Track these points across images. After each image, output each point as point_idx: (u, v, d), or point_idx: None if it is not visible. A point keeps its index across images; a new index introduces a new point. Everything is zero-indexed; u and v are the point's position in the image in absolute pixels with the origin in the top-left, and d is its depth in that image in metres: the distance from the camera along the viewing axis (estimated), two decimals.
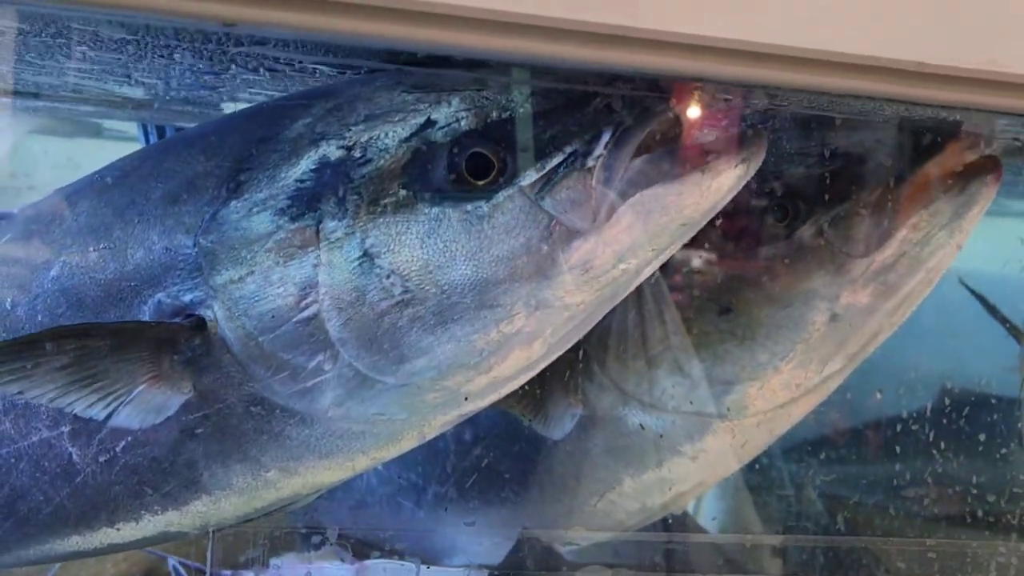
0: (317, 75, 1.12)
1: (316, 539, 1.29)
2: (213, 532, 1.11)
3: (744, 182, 0.96)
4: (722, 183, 0.94)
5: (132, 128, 2.27)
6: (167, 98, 1.64)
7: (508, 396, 1.08)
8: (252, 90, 1.38)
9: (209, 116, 1.80)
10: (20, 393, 0.97)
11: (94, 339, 0.98)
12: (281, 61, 1.09)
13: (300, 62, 1.06)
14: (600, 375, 1.28)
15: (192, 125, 1.87)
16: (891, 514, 1.66)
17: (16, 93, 1.67)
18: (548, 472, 1.36)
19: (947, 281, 1.28)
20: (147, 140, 2.06)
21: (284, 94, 1.39)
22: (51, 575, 1.48)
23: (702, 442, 1.30)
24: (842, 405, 1.51)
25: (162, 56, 1.15)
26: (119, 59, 1.24)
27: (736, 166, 0.94)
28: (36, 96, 1.67)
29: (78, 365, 0.97)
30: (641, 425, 1.30)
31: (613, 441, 1.32)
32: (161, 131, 2.05)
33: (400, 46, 0.95)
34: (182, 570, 1.52)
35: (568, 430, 1.28)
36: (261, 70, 1.13)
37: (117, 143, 2.39)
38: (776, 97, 1.03)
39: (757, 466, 1.65)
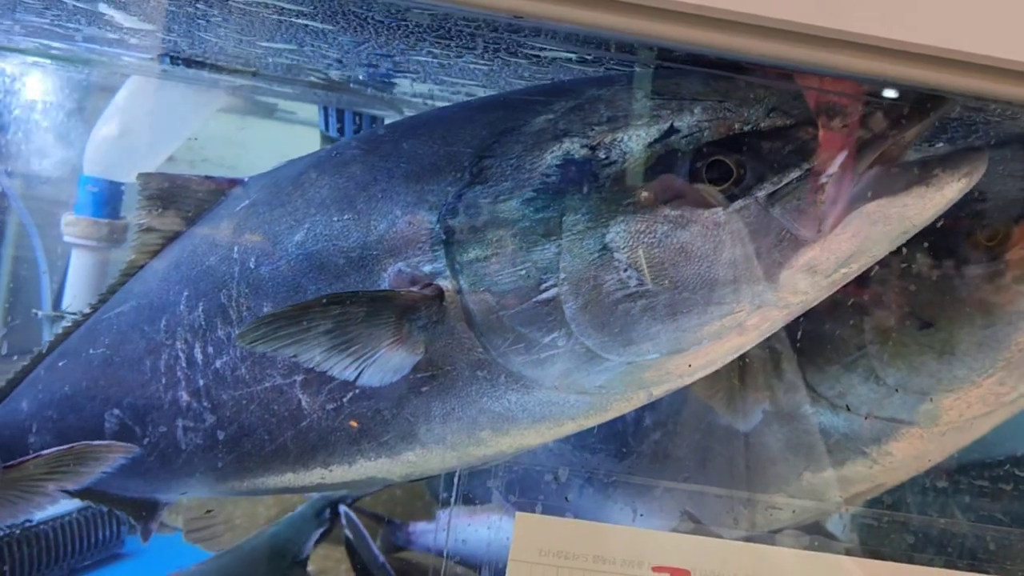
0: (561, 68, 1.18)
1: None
2: (459, 472, 1.20)
3: (962, 195, 1.01)
4: (944, 196, 1.00)
5: (302, 109, 2.39)
6: (371, 84, 1.73)
7: (702, 385, 1.16)
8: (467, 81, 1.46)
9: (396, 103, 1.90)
10: (295, 356, 1.08)
11: (355, 306, 1.09)
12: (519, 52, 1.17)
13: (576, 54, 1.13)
14: (790, 372, 1.33)
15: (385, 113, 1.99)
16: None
17: (228, 70, 1.78)
18: (728, 459, 1.41)
19: None
20: (327, 123, 2.16)
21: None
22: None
23: (887, 446, 1.34)
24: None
25: (402, 42, 1.23)
26: (354, 43, 1.32)
27: (959, 180, 1.00)
28: (254, 75, 1.78)
29: (340, 329, 1.08)
30: (829, 425, 1.35)
31: (797, 437, 1.37)
32: (340, 115, 2.15)
33: (650, 42, 1.01)
34: (354, 515, 1.62)
35: (756, 423, 1.34)
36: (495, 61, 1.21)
37: (287, 125, 2.53)
38: (995, 112, 1.07)
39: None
